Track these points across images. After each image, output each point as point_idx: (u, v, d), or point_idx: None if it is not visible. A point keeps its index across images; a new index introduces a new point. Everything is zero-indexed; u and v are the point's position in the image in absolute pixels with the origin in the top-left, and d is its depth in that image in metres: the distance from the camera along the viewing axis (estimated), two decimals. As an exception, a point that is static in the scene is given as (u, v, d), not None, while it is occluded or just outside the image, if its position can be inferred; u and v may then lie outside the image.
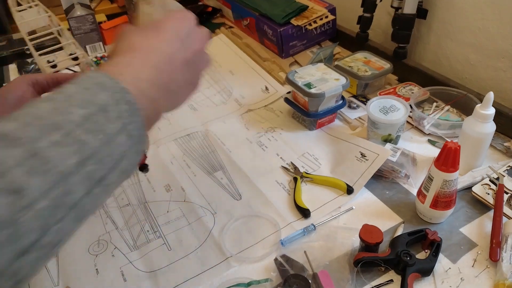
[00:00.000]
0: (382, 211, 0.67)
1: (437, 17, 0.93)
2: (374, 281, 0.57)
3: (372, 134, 0.78)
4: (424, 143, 0.81)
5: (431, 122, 0.82)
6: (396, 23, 0.94)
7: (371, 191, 0.71)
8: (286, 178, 0.75)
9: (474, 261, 0.58)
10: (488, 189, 0.67)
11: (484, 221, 0.64)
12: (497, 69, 0.85)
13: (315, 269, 0.57)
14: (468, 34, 0.88)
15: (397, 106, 0.78)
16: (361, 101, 0.93)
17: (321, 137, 0.84)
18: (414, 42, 1.00)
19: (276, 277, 0.57)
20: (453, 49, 0.93)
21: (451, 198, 0.61)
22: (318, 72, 0.85)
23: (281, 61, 1.10)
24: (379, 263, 0.57)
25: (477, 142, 0.69)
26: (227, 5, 1.28)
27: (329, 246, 0.61)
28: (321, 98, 0.80)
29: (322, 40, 1.14)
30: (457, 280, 0.56)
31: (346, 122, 0.88)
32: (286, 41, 1.07)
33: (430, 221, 0.64)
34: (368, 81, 0.92)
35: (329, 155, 0.79)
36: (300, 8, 1.09)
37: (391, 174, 0.72)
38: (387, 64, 0.94)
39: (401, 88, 0.93)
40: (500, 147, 0.77)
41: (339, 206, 0.68)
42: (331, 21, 1.10)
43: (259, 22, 1.14)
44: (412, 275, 0.55)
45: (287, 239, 0.62)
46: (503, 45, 0.82)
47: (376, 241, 0.57)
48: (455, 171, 0.59)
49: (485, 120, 0.67)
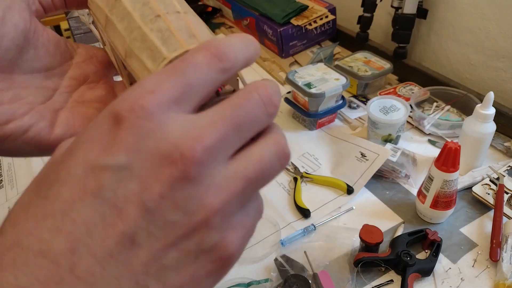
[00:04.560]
0: (382, 211, 0.67)
1: (437, 17, 0.93)
2: (374, 281, 0.57)
3: (372, 134, 0.78)
4: (424, 143, 0.81)
5: (431, 122, 0.82)
6: (396, 23, 0.94)
7: (371, 191, 0.71)
8: (286, 178, 0.75)
9: (474, 261, 0.58)
10: (488, 189, 0.67)
11: (484, 221, 0.64)
12: (497, 69, 0.85)
13: (315, 269, 0.57)
14: (469, 34, 0.88)
15: (397, 106, 0.77)
16: (361, 101, 0.93)
17: (321, 137, 0.84)
18: (414, 42, 1.00)
19: (276, 277, 0.57)
20: (453, 49, 0.93)
21: (451, 198, 0.61)
22: (318, 72, 0.85)
23: (281, 61, 1.10)
24: (379, 263, 0.57)
25: (477, 142, 0.69)
26: (227, 5, 1.28)
27: (329, 246, 0.61)
28: (321, 98, 0.80)
29: (322, 40, 1.14)
30: (457, 280, 0.56)
31: (346, 122, 0.88)
32: (286, 41, 1.07)
33: (430, 221, 0.64)
34: (368, 81, 0.92)
35: (329, 155, 0.79)
36: (300, 7, 1.09)
37: (391, 174, 0.72)
38: (387, 64, 0.94)
39: (401, 88, 0.93)
40: (500, 147, 0.77)
41: (339, 206, 0.68)
42: (331, 21, 1.10)
43: (259, 22, 1.14)
44: (412, 275, 0.55)
45: (287, 239, 0.62)
46: (503, 45, 0.82)
47: (376, 241, 0.57)
48: (455, 171, 0.59)
49: (485, 120, 0.67)
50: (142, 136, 0.17)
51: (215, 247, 0.18)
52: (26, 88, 0.30)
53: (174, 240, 0.17)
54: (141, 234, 0.17)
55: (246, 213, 0.19)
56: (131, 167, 0.17)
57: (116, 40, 0.26)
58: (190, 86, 0.18)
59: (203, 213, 0.17)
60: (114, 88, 0.34)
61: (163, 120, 0.17)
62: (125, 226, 0.17)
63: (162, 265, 0.17)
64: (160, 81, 0.18)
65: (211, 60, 0.18)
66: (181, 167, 0.17)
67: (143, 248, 0.17)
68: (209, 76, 0.18)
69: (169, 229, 0.17)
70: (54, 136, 0.30)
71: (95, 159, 0.17)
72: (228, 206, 0.18)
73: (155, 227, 0.17)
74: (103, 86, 0.33)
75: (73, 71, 0.32)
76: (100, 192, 0.17)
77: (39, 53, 0.30)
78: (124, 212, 0.17)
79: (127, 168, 0.17)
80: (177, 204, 0.17)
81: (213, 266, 0.19)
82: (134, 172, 0.17)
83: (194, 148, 0.17)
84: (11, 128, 0.28)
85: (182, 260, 0.18)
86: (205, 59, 0.18)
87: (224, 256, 0.18)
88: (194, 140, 0.17)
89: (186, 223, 0.17)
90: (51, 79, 0.31)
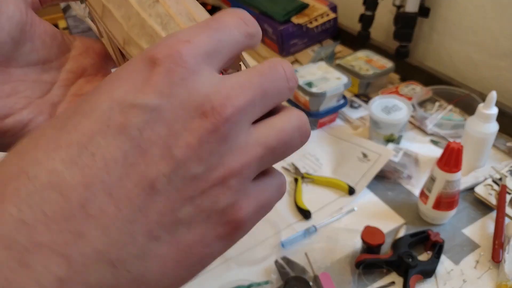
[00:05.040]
0: (384, 212, 0.67)
1: (440, 15, 0.92)
2: (376, 283, 0.56)
3: (374, 134, 0.78)
4: (426, 143, 0.80)
5: (434, 122, 0.81)
6: (398, 22, 0.93)
7: (373, 192, 0.70)
8: (287, 179, 0.75)
9: (476, 263, 0.58)
10: (491, 190, 0.67)
11: (486, 222, 0.64)
12: (500, 69, 0.85)
13: (316, 271, 0.57)
14: (471, 33, 0.87)
15: (399, 106, 0.77)
16: (363, 100, 0.92)
17: (322, 137, 0.83)
18: (416, 40, 1.00)
19: (277, 279, 0.57)
20: (455, 48, 0.92)
21: (453, 198, 0.60)
22: (319, 71, 0.84)
23: (282, 60, 1.09)
24: (381, 265, 0.57)
25: (480, 142, 0.68)
26: (227, 3, 1.28)
27: (331, 248, 0.61)
28: (322, 98, 0.79)
29: (323, 38, 1.13)
30: (460, 281, 0.56)
31: (347, 122, 0.87)
32: (286, 39, 1.07)
33: (432, 222, 0.64)
34: (370, 80, 0.91)
35: (330, 156, 0.78)
36: (301, 6, 1.08)
37: (393, 174, 0.72)
38: (389, 63, 0.93)
39: (403, 87, 0.93)
40: (503, 147, 0.77)
41: (340, 207, 0.68)
42: (332, 19, 1.09)
43: (259, 20, 1.13)
44: (414, 277, 0.55)
45: (288, 240, 0.62)
46: (506, 45, 0.82)
47: (378, 242, 0.57)
48: (458, 171, 0.58)
49: (487, 120, 0.66)
50: (176, 82, 0.16)
51: (227, 209, 0.18)
52: (24, 82, 0.29)
53: (192, 194, 0.17)
54: (162, 181, 0.16)
55: (264, 186, 0.19)
56: (161, 110, 0.16)
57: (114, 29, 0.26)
58: (221, 43, 0.18)
59: (223, 171, 0.17)
60: None
61: (196, 71, 0.17)
62: (147, 169, 0.16)
63: (176, 218, 0.17)
64: (195, 33, 0.18)
65: (240, 23, 0.19)
66: (212, 120, 0.16)
67: (162, 196, 0.16)
68: (237, 38, 0.19)
69: (189, 181, 0.16)
70: None
71: (125, 96, 0.16)
72: (246, 170, 0.17)
73: (177, 176, 0.16)
74: (101, 78, 0.33)
75: (70, 64, 0.32)
76: (125, 129, 0.16)
77: (36, 45, 0.29)
78: (148, 154, 0.16)
79: (156, 110, 0.16)
80: (202, 157, 0.16)
81: (223, 230, 0.18)
82: (163, 116, 0.16)
83: (226, 104, 0.17)
84: (10, 122, 0.28)
85: (195, 216, 0.17)
86: (234, 21, 0.19)
87: (234, 220, 0.18)
88: (225, 98, 0.17)
89: (205, 179, 0.17)
90: (48, 73, 0.31)
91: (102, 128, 0.16)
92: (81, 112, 0.17)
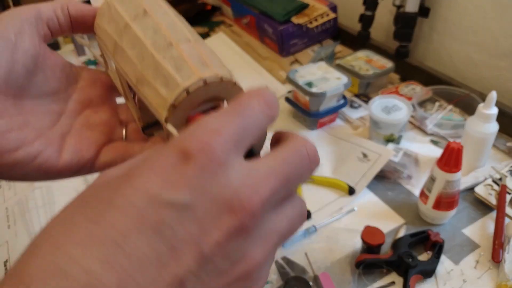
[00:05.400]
0: (384, 212, 0.67)
1: (440, 15, 0.92)
2: (376, 283, 0.56)
3: (374, 134, 0.78)
4: (426, 143, 0.80)
5: (434, 122, 0.81)
6: (398, 22, 0.93)
7: (373, 192, 0.70)
8: (287, 178, 0.74)
9: (476, 263, 0.58)
10: (491, 190, 0.67)
11: (486, 222, 0.64)
12: (500, 69, 0.85)
13: (316, 271, 0.57)
14: (471, 33, 0.87)
15: (399, 106, 0.77)
16: (363, 100, 0.92)
17: (322, 137, 0.83)
18: (416, 40, 1.00)
19: (277, 279, 0.57)
20: (455, 48, 0.92)
21: (453, 198, 0.61)
22: (319, 71, 0.84)
23: (281, 60, 1.09)
24: (381, 265, 0.57)
25: (480, 142, 0.68)
26: (227, 3, 1.28)
27: (331, 248, 0.61)
28: (322, 98, 0.79)
29: (323, 38, 1.13)
30: (460, 281, 0.56)
31: (347, 122, 0.87)
32: (286, 39, 1.07)
33: (432, 222, 0.64)
34: (370, 80, 0.91)
35: (330, 156, 0.78)
36: (301, 6, 1.08)
37: (393, 174, 0.72)
38: (389, 63, 0.93)
39: (403, 87, 0.93)
40: (503, 147, 0.77)
41: (340, 207, 0.68)
42: (332, 19, 1.09)
43: (259, 20, 1.13)
44: (414, 277, 0.55)
45: (288, 240, 0.62)
46: (506, 44, 0.82)
47: (378, 242, 0.57)
48: (458, 171, 0.58)
49: (487, 120, 0.66)
50: (208, 178, 0.17)
51: None
52: (35, 113, 0.30)
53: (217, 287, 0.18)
54: (191, 279, 0.17)
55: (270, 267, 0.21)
56: (194, 207, 0.17)
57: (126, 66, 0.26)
58: (247, 130, 0.19)
59: (246, 266, 0.18)
60: (117, 110, 0.34)
61: (226, 164, 0.17)
62: (179, 269, 0.16)
63: None
64: (223, 122, 0.18)
65: (264, 108, 0.19)
66: (240, 217, 0.17)
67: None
68: (262, 122, 0.19)
69: (215, 276, 0.17)
70: (62, 161, 0.29)
71: (159, 192, 0.17)
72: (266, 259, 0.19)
73: (205, 273, 0.17)
74: (106, 109, 0.33)
75: (78, 95, 0.32)
76: (159, 228, 0.16)
77: (47, 77, 0.30)
78: (180, 253, 0.16)
79: (190, 209, 0.17)
80: (228, 253, 0.17)
81: None
82: (196, 214, 0.17)
83: (252, 199, 0.17)
84: (20, 155, 0.28)
85: None
86: (259, 106, 0.19)
87: None
88: (252, 191, 0.18)
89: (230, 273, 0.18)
90: (57, 103, 0.31)
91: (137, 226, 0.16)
92: (115, 205, 0.17)
